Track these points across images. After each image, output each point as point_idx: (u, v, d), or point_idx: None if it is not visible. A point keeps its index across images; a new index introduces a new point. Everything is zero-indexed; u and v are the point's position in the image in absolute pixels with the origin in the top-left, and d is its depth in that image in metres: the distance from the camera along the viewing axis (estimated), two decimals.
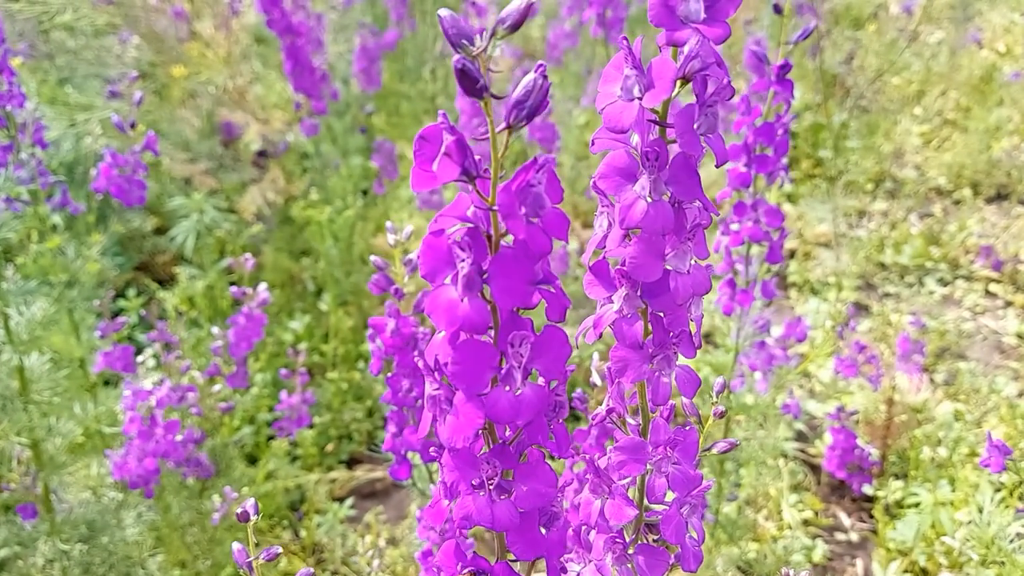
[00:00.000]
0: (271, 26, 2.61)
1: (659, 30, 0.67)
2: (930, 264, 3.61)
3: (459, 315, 0.64)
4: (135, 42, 3.11)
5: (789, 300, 3.51)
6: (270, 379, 2.78)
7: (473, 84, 0.60)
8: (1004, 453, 1.48)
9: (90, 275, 2.19)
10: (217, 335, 2.18)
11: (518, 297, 0.64)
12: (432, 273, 0.65)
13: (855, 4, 5.48)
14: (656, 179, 0.70)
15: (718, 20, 0.64)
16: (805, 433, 2.85)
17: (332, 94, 3.21)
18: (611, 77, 0.70)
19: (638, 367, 0.78)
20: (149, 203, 3.37)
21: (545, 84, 0.62)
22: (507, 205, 0.62)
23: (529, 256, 0.64)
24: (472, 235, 0.63)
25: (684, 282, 0.74)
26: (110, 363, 2.17)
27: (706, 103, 0.69)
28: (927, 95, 4.71)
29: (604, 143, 0.73)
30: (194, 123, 3.25)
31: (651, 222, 0.71)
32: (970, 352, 3.16)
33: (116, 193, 1.79)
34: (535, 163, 0.63)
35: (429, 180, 0.63)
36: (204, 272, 3.02)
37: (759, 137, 1.56)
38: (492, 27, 0.62)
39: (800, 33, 1.44)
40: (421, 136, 0.63)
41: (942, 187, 4.12)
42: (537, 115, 0.63)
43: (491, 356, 0.67)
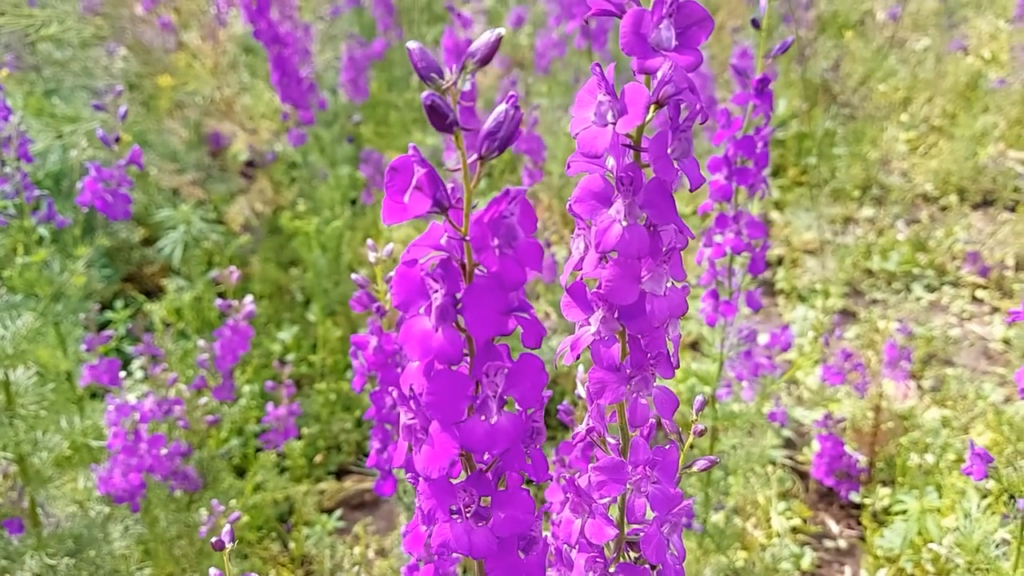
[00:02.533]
0: (258, 36, 2.61)
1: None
2: (917, 270, 3.62)
3: (433, 346, 0.64)
4: (122, 53, 3.11)
5: (777, 307, 3.52)
6: (258, 390, 2.78)
7: (442, 120, 0.60)
8: (986, 461, 1.49)
9: (76, 288, 2.18)
10: (203, 348, 2.18)
11: (492, 327, 0.65)
12: (405, 303, 0.65)
13: (841, 11, 5.51)
14: (631, 203, 0.71)
15: (689, 48, 0.65)
16: (794, 440, 2.86)
17: (320, 104, 3.21)
18: (585, 102, 0.70)
19: (615, 389, 0.78)
20: (137, 214, 3.37)
21: (517, 115, 0.63)
22: (479, 237, 0.62)
23: (503, 287, 0.64)
24: (445, 266, 0.63)
25: (660, 304, 0.74)
26: (96, 376, 2.16)
27: (679, 128, 0.69)
28: (913, 102, 4.74)
29: (579, 166, 0.74)
30: (182, 134, 3.25)
31: (626, 246, 0.71)
32: (957, 358, 3.17)
33: (101, 207, 1.79)
34: (507, 194, 0.63)
35: (400, 212, 0.64)
36: (192, 283, 3.01)
37: (739, 150, 1.57)
38: (462, 61, 0.62)
39: (778, 47, 1.45)
40: (392, 168, 0.63)
41: (929, 193, 4.14)
42: (509, 145, 0.64)
43: (466, 386, 0.67)
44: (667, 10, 0.64)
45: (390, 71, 4.26)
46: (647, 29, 0.65)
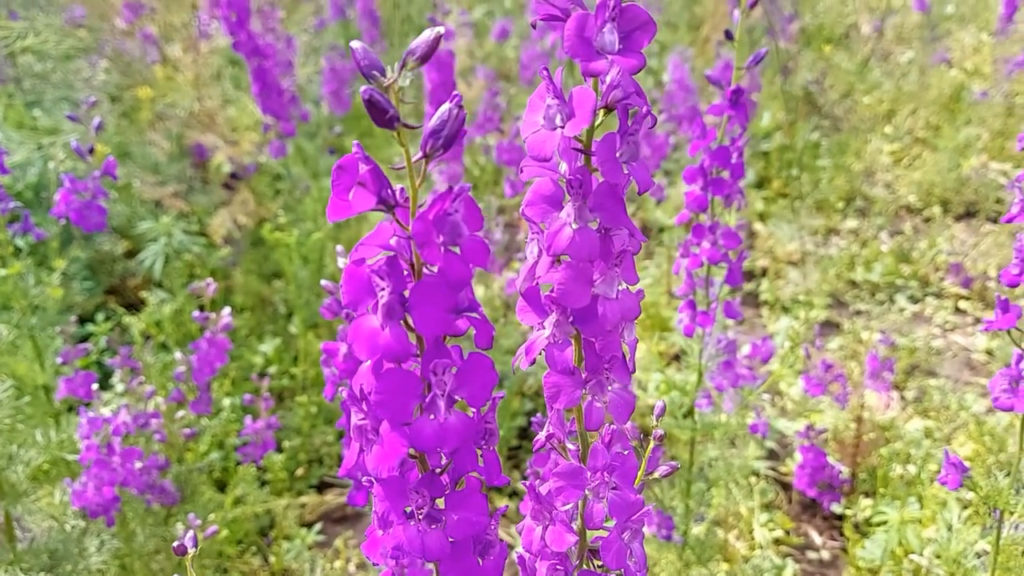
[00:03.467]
0: (237, 48, 2.61)
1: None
2: (900, 281, 3.64)
3: (380, 344, 0.63)
4: (104, 65, 3.10)
5: (762, 318, 3.52)
6: (240, 403, 2.76)
7: (382, 114, 0.60)
8: (961, 471, 1.49)
9: (54, 301, 2.17)
10: (180, 361, 2.17)
11: (439, 325, 0.64)
12: (354, 302, 0.65)
13: (826, 24, 5.55)
14: (581, 206, 0.71)
15: (633, 51, 0.65)
16: (776, 451, 2.86)
17: (303, 115, 3.21)
18: (535, 106, 0.70)
19: (570, 393, 0.78)
20: (119, 226, 3.36)
21: (460, 114, 0.63)
22: (423, 234, 0.62)
23: (449, 284, 0.64)
24: (391, 264, 0.63)
25: (612, 308, 0.74)
26: (72, 390, 2.14)
27: (628, 132, 0.69)
28: (897, 114, 4.77)
29: (531, 171, 0.74)
30: (164, 146, 3.24)
31: (577, 249, 0.71)
32: (940, 369, 3.18)
33: (75, 219, 1.78)
34: (451, 192, 0.63)
35: (345, 209, 0.63)
36: (173, 296, 3.00)
37: (715, 160, 1.57)
38: (403, 58, 0.62)
39: (752, 58, 1.45)
40: (338, 166, 0.63)
41: (912, 205, 4.16)
42: (454, 143, 0.63)
43: (415, 385, 0.66)
44: (610, 14, 0.64)
45: None
46: (591, 33, 0.65)
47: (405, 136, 0.62)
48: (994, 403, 1.43)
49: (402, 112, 0.64)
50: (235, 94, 3.60)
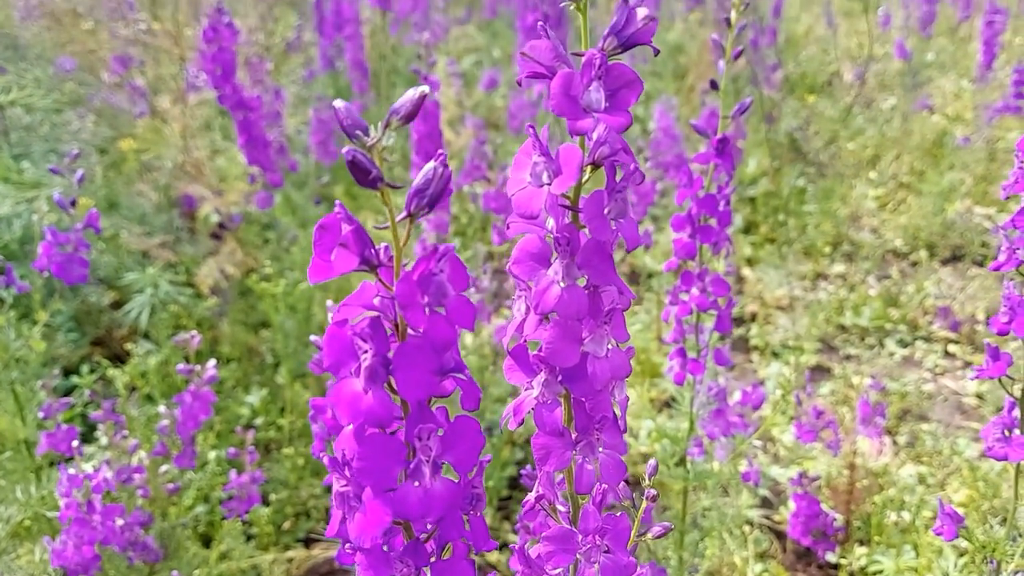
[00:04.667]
0: (222, 101, 2.62)
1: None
2: (889, 326, 3.64)
3: (362, 408, 0.62)
4: (92, 117, 3.11)
5: (752, 364, 3.51)
6: (224, 456, 2.72)
7: (365, 175, 0.59)
8: (956, 521, 1.47)
9: (36, 354, 2.14)
10: (164, 414, 2.13)
11: (423, 389, 0.63)
12: (336, 365, 0.63)
13: (809, 73, 5.63)
14: (569, 264, 0.70)
15: (620, 109, 0.64)
16: (770, 499, 2.82)
17: (291, 166, 3.22)
18: (522, 163, 0.69)
19: (560, 454, 0.76)
20: (106, 277, 3.33)
21: (446, 172, 0.62)
22: (406, 295, 0.60)
23: (434, 347, 0.62)
24: (373, 326, 0.61)
25: (602, 366, 0.73)
26: (54, 445, 2.10)
27: (615, 189, 0.68)
28: (881, 159, 4.82)
29: (518, 227, 0.73)
30: (151, 197, 3.24)
31: (565, 307, 0.70)
32: (931, 413, 3.17)
33: (56, 271, 1.76)
34: (436, 251, 0.62)
35: (326, 270, 0.62)
36: (159, 347, 2.97)
37: (702, 208, 1.57)
38: (386, 117, 0.62)
39: (736, 108, 1.46)
40: (320, 226, 0.62)
41: (899, 249, 4.18)
42: (439, 203, 0.62)
43: (398, 450, 0.64)
44: (596, 72, 0.64)
45: None
46: (577, 91, 0.64)
47: (389, 196, 0.61)
48: (987, 452, 1.41)
49: (386, 168, 0.63)
50: (223, 144, 3.61)
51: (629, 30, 0.66)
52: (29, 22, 3.24)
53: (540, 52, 0.65)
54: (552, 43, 0.65)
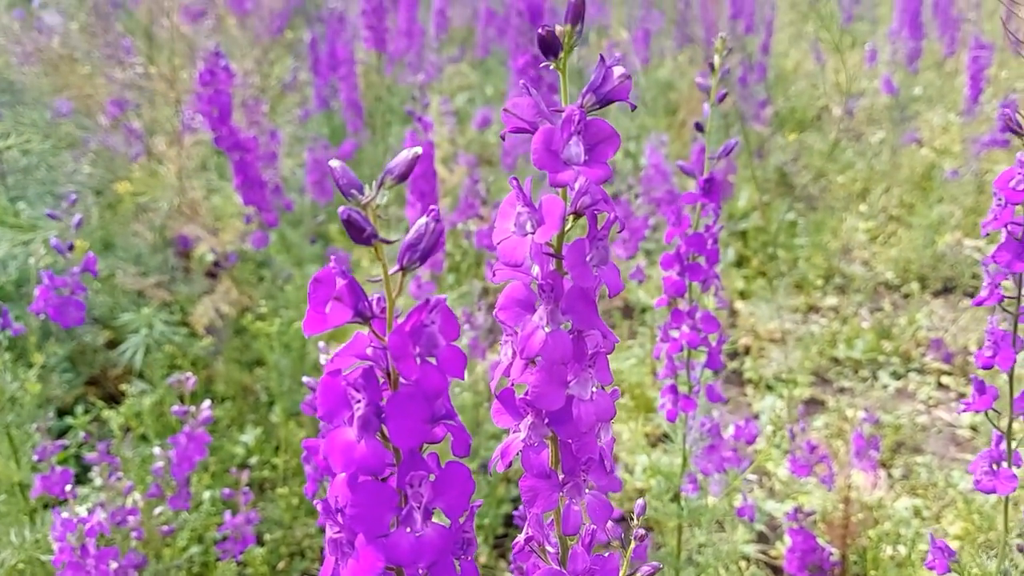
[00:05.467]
0: (218, 143, 2.65)
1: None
2: (882, 358, 3.65)
3: (356, 457, 0.63)
4: (88, 159, 3.14)
5: (746, 397, 3.52)
6: (219, 496, 2.71)
7: (360, 233, 0.62)
8: (948, 555, 1.48)
9: (31, 396, 2.15)
10: (158, 456, 2.14)
11: (415, 437, 0.65)
12: (330, 414, 0.65)
13: (798, 108, 5.71)
14: (553, 309, 0.72)
15: (599, 162, 0.67)
16: (766, 534, 2.82)
17: (286, 205, 3.25)
18: (506, 214, 0.72)
19: (548, 496, 0.77)
20: (101, 316, 3.34)
21: (438, 227, 0.64)
22: (399, 347, 0.62)
23: (425, 396, 0.64)
24: (366, 376, 0.63)
25: (587, 409, 0.74)
26: (48, 487, 2.10)
27: (597, 237, 0.71)
28: (871, 192, 4.87)
29: (504, 274, 0.75)
30: (147, 237, 3.26)
31: (550, 351, 0.72)
32: (926, 445, 3.17)
33: (53, 315, 1.78)
34: (427, 304, 0.64)
35: (321, 323, 0.64)
36: (154, 387, 2.97)
37: (691, 247, 1.59)
38: (380, 177, 0.64)
39: (721, 150, 1.49)
40: (315, 279, 0.64)
41: (890, 281, 4.22)
42: (431, 256, 0.65)
43: (391, 497, 0.66)
44: (576, 128, 0.66)
45: (359, 170, 4.33)
46: (557, 146, 0.67)
47: (382, 251, 0.64)
48: (976, 486, 1.43)
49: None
50: (219, 183, 3.64)
51: (606, 88, 0.69)
52: (27, 67, 3.28)
53: (522, 109, 0.68)
54: (534, 100, 0.67)
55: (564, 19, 0.67)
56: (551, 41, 0.66)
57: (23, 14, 4.05)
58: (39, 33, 3.52)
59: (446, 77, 5.64)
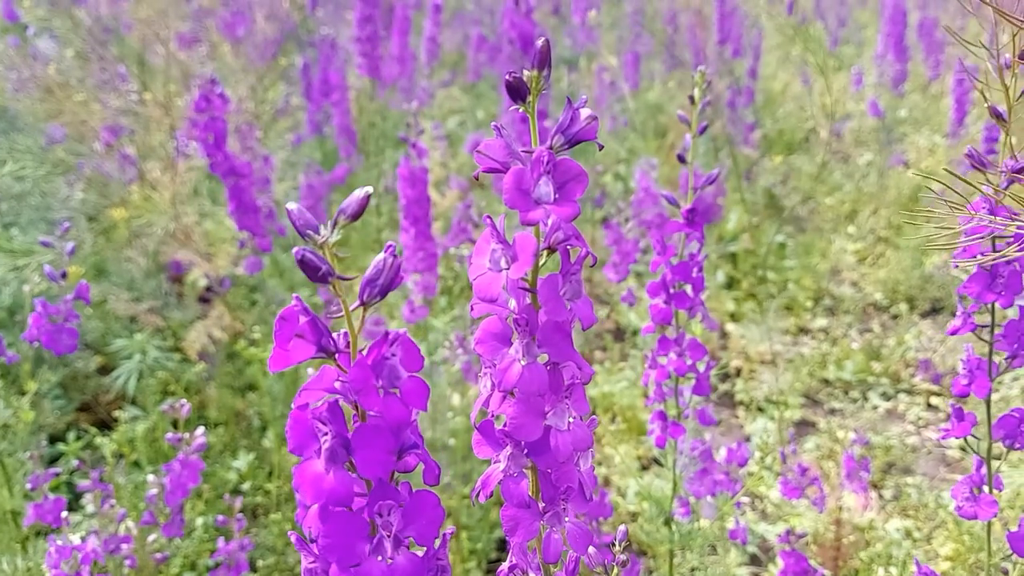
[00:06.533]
0: (214, 169, 2.67)
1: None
2: (872, 379, 3.68)
3: (324, 488, 0.65)
4: (81, 185, 3.17)
5: (738, 419, 3.54)
6: (212, 522, 2.71)
7: (315, 272, 0.64)
8: None
9: (24, 424, 2.16)
10: (152, 483, 2.14)
11: (382, 467, 0.67)
12: (299, 447, 0.67)
13: (787, 129, 5.76)
14: (528, 343, 0.74)
15: (568, 200, 0.69)
16: (759, 556, 2.83)
17: (279, 230, 3.27)
18: (482, 250, 0.74)
19: (529, 525, 0.79)
20: (94, 342, 3.35)
21: (395, 262, 0.67)
22: (359, 380, 0.64)
23: (390, 428, 0.66)
24: (331, 409, 0.65)
25: (564, 439, 0.76)
26: (41, 516, 2.10)
27: (570, 272, 0.73)
28: (859, 214, 4.91)
29: (482, 308, 0.77)
30: (140, 262, 3.28)
31: (526, 383, 0.74)
32: (916, 466, 3.19)
33: (46, 342, 1.79)
34: (387, 337, 0.66)
35: (285, 359, 0.66)
36: (147, 413, 2.98)
37: (676, 275, 1.62)
38: (335, 217, 0.67)
39: (704, 179, 1.52)
40: (280, 317, 0.66)
41: (879, 303, 4.24)
42: (391, 290, 0.67)
43: (361, 527, 0.68)
44: (545, 168, 0.69)
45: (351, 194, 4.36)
46: (528, 185, 0.69)
47: (341, 287, 0.66)
48: (958, 512, 1.44)
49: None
50: (212, 208, 3.66)
51: (574, 128, 0.71)
52: (22, 94, 3.31)
53: (494, 150, 0.70)
54: (505, 142, 0.70)
55: (531, 64, 0.70)
56: (518, 87, 0.69)
57: (18, 41, 4.09)
58: (34, 60, 3.55)
59: (437, 102, 5.69)
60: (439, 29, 4.98)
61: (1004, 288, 1.30)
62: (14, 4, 4.50)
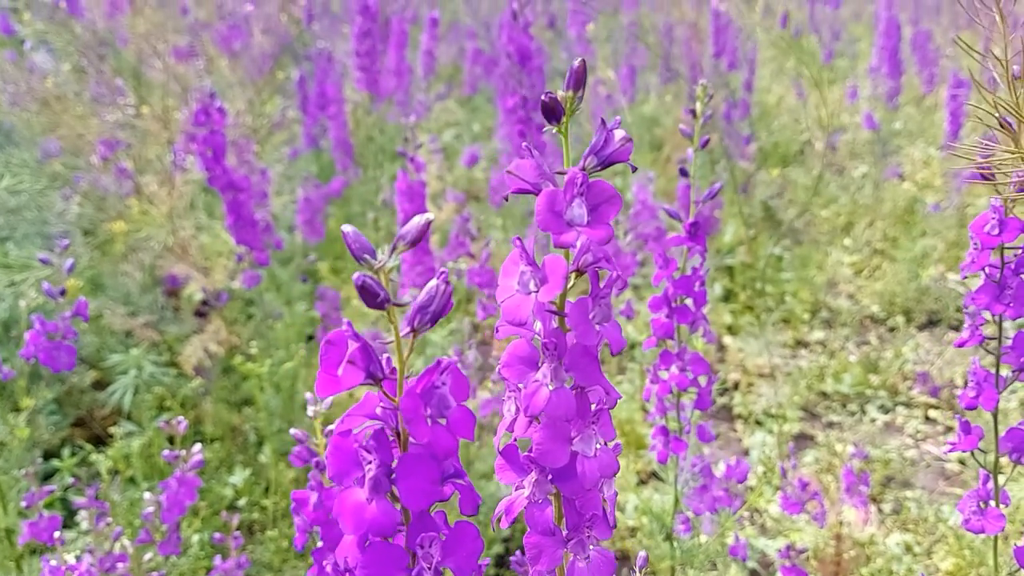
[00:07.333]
0: (213, 183, 2.66)
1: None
2: (870, 392, 3.67)
3: (367, 519, 0.64)
4: (77, 199, 3.14)
5: (736, 432, 3.53)
6: (208, 539, 2.68)
7: (374, 298, 0.63)
8: None
9: (19, 441, 2.13)
10: (148, 500, 2.12)
11: (426, 498, 0.65)
12: (340, 475, 0.65)
13: (782, 142, 5.78)
14: (556, 367, 0.72)
15: (601, 223, 0.68)
16: (759, 572, 2.81)
17: (276, 244, 3.25)
18: (509, 272, 0.73)
19: (552, 553, 0.78)
20: (89, 357, 3.32)
21: (447, 289, 0.65)
22: (410, 409, 0.63)
23: (436, 457, 0.65)
24: (377, 437, 0.64)
25: (591, 466, 0.75)
26: (36, 534, 2.07)
27: (599, 295, 0.72)
28: (855, 226, 4.92)
29: (507, 331, 0.76)
30: (136, 276, 3.25)
31: (554, 408, 0.72)
32: (915, 480, 3.18)
33: (44, 360, 1.77)
34: (439, 365, 0.65)
35: (334, 385, 0.65)
36: (142, 429, 2.95)
37: (678, 289, 1.61)
38: (393, 243, 0.65)
39: (706, 194, 1.51)
40: (327, 341, 0.65)
41: (876, 315, 4.25)
42: (441, 317, 0.66)
43: (401, 559, 0.66)
44: (578, 190, 0.68)
45: (348, 207, 4.35)
46: (561, 207, 0.68)
47: (395, 315, 0.65)
48: (964, 525, 1.43)
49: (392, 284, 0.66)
50: (208, 222, 3.64)
51: (608, 150, 0.70)
52: (19, 108, 3.29)
53: (525, 171, 0.69)
54: (536, 162, 0.69)
55: (566, 85, 0.69)
56: (553, 107, 0.68)
57: (15, 55, 4.07)
58: (31, 74, 3.53)
59: (434, 115, 5.69)
60: (436, 43, 4.98)
61: (1013, 299, 1.29)
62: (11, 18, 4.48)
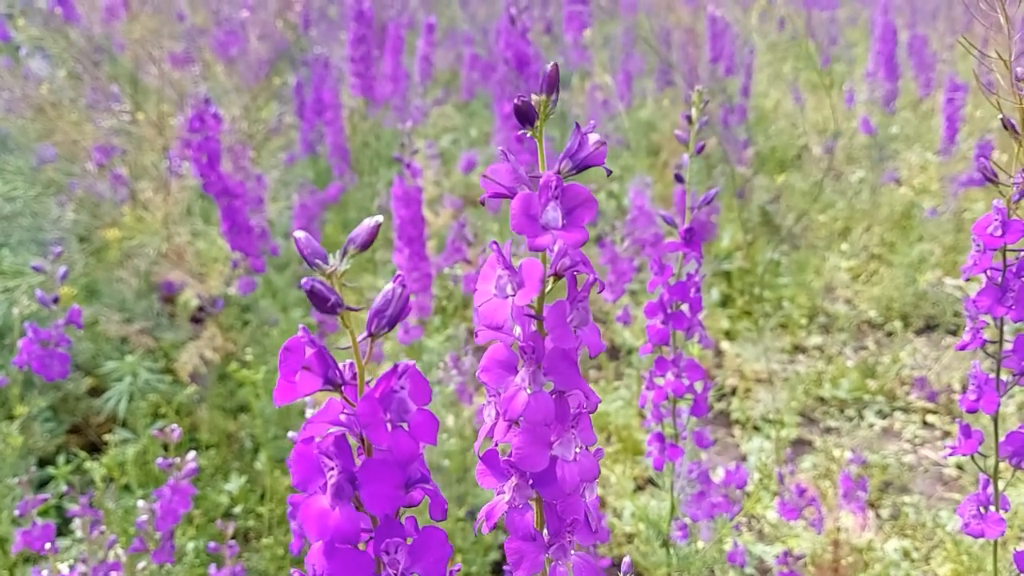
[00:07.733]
0: (207, 189, 2.65)
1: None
2: (868, 397, 3.67)
3: (330, 525, 0.63)
4: (73, 206, 3.14)
5: (734, 438, 3.52)
6: (203, 547, 2.67)
7: (324, 302, 0.62)
8: None
9: (12, 449, 2.13)
10: (142, 509, 2.11)
11: (390, 503, 0.65)
12: (304, 482, 0.65)
13: (779, 147, 5.78)
14: (535, 371, 0.72)
15: (576, 226, 0.68)
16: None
17: (272, 250, 3.25)
18: (487, 276, 0.72)
19: (533, 558, 0.77)
20: (84, 364, 3.32)
21: (404, 292, 0.65)
22: (367, 414, 0.63)
23: (398, 462, 0.64)
24: (338, 443, 0.63)
25: (571, 470, 0.75)
26: (29, 543, 2.07)
27: (577, 298, 0.71)
28: (852, 231, 4.92)
29: (486, 335, 0.75)
30: (132, 283, 3.25)
31: (532, 413, 0.72)
32: (913, 485, 3.17)
33: (37, 368, 1.77)
34: (396, 369, 0.64)
35: (290, 392, 0.64)
36: (137, 436, 2.94)
37: (674, 295, 1.61)
38: (343, 247, 0.65)
39: (702, 200, 1.51)
40: (285, 348, 0.64)
41: (873, 320, 4.24)
42: (400, 321, 0.65)
43: (367, 565, 0.66)
44: (553, 193, 0.67)
45: (345, 213, 4.35)
46: (536, 211, 0.68)
47: (350, 318, 0.64)
48: (964, 529, 1.43)
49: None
50: (204, 228, 3.64)
51: (582, 154, 0.70)
52: (13, 114, 3.29)
53: (501, 175, 0.69)
54: (512, 167, 0.68)
55: (539, 88, 0.69)
56: (526, 111, 0.67)
57: (10, 62, 4.07)
58: (26, 80, 3.54)
59: (431, 120, 5.69)
60: (432, 48, 4.99)
61: (1015, 302, 1.29)
62: (7, 24, 4.49)
